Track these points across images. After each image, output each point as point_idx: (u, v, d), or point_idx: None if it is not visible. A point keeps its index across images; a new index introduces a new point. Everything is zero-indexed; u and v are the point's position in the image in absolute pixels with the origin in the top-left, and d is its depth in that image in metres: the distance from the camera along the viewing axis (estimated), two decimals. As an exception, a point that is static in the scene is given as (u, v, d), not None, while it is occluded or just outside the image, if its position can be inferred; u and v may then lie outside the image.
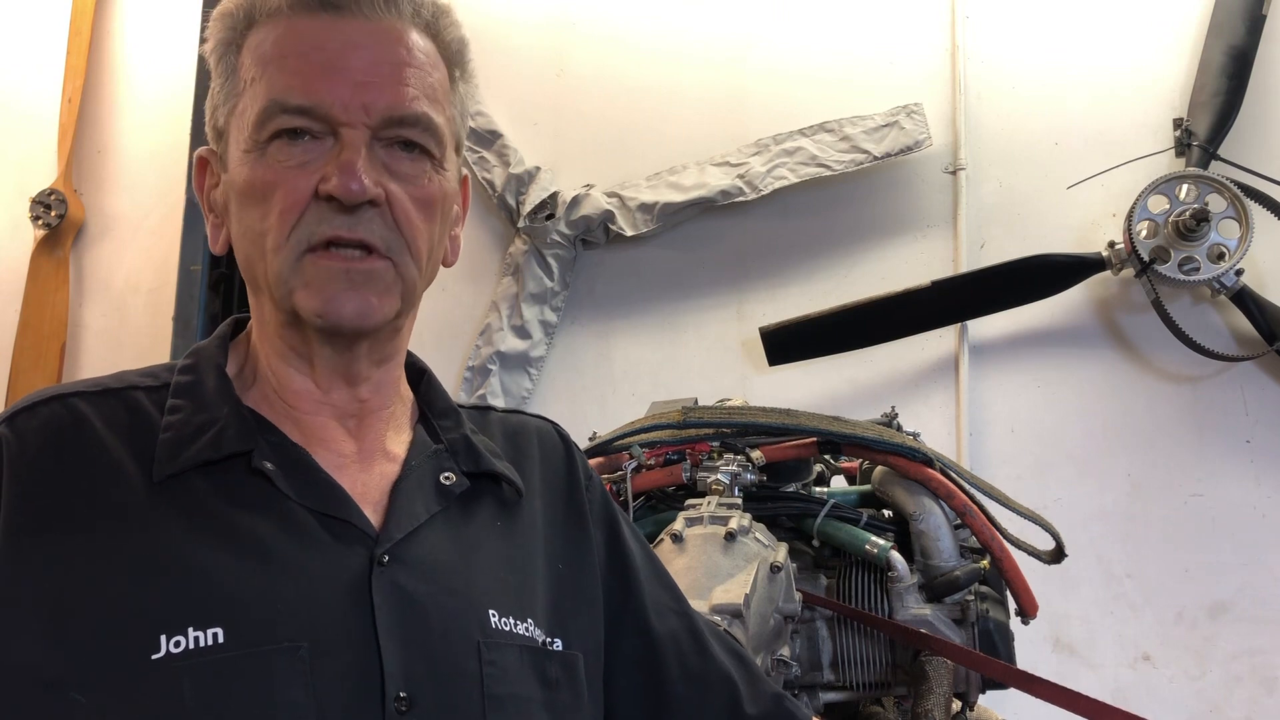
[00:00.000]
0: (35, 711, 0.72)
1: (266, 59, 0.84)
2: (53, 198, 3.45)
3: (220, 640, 0.73)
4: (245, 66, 0.86)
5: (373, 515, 0.85)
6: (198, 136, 3.25)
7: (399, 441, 0.93)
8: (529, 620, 0.88)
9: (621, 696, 0.96)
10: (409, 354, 0.98)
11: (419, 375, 0.99)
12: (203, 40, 0.91)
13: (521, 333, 3.13)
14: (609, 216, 3.07)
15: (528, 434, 1.03)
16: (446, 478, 0.91)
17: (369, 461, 0.89)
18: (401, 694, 0.77)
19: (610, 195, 3.10)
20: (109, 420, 0.83)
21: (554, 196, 3.13)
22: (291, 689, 0.74)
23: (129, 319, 3.46)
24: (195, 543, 0.78)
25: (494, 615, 0.85)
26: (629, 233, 3.05)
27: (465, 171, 0.95)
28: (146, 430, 0.83)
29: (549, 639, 0.89)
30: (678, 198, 3.02)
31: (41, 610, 0.74)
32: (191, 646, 0.73)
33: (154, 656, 0.72)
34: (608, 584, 0.99)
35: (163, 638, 0.73)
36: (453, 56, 0.91)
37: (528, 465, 0.99)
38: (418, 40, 0.87)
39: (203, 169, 0.92)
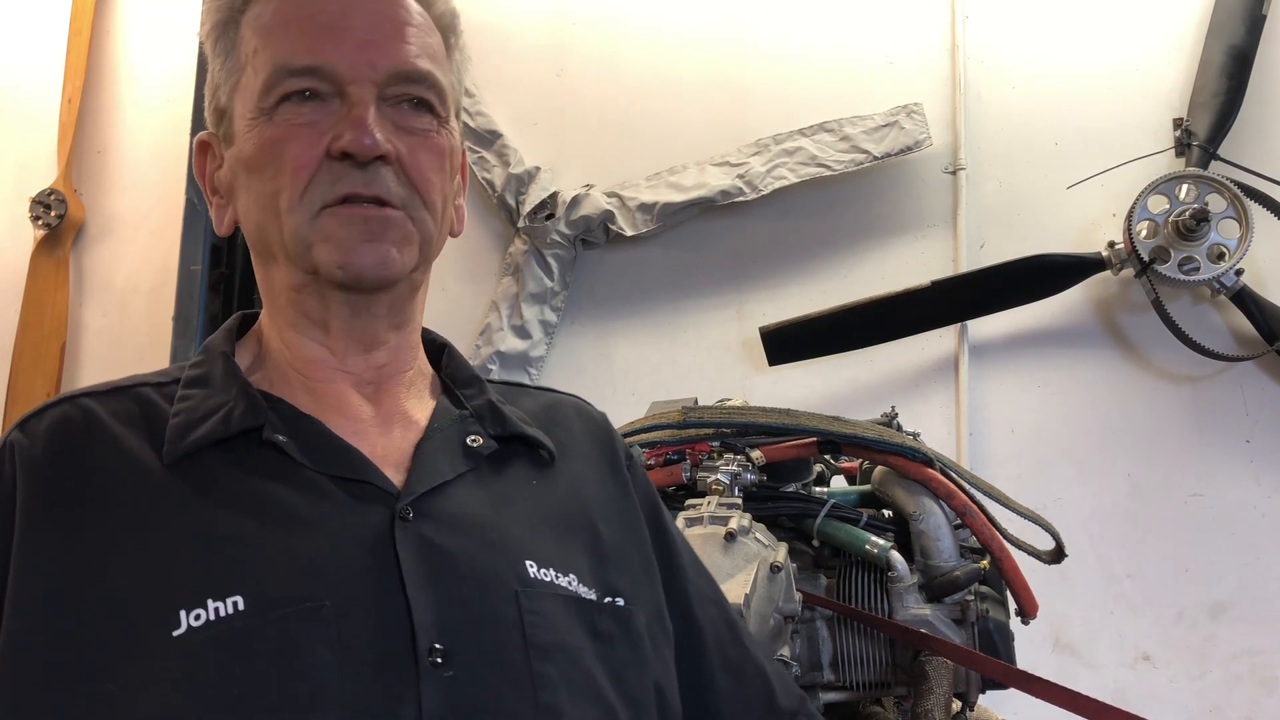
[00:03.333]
0: (73, 707, 0.71)
1: (268, 28, 0.85)
2: (53, 198, 3.45)
3: (241, 608, 0.72)
4: (245, 40, 0.86)
5: (394, 476, 0.83)
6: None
7: (421, 409, 0.91)
8: (571, 575, 0.84)
9: None
10: (428, 330, 0.97)
11: (440, 350, 0.98)
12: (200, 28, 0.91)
13: (521, 333, 3.13)
14: (609, 216, 3.07)
15: (563, 408, 1.02)
16: (473, 440, 0.89)
17: (388, 425, 0.88)
18: (436, 645, 0.74)
19: (610, 195, 3.10)
20: (119, 414, 0.83)
21: (554, 196, 3.13)
22: (317, 648, 0.72)
23: (129, 319, 3.46)
24: (209, 515, 0.77)
25: (532, 566, 0.82)
26: (629, 233, 3.05)
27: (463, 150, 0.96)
28: (157, 421, 0.83)
29: (599, 595, 0.86)
30: (678, 198, 3.02)
31: (62, 606, 0.73)
32: (212, 617, 0.71)
33: (175, 633, 0.71)
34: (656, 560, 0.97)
35: (182, 613, 0.72)
36: (446, 26, 0.91)
37: (563, 435, 0.97)
38: (412, 4, 0.88)
39: (204, 152, 0.91)
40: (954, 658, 1.50)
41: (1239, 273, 2.58)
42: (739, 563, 1.37)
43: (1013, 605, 1.68)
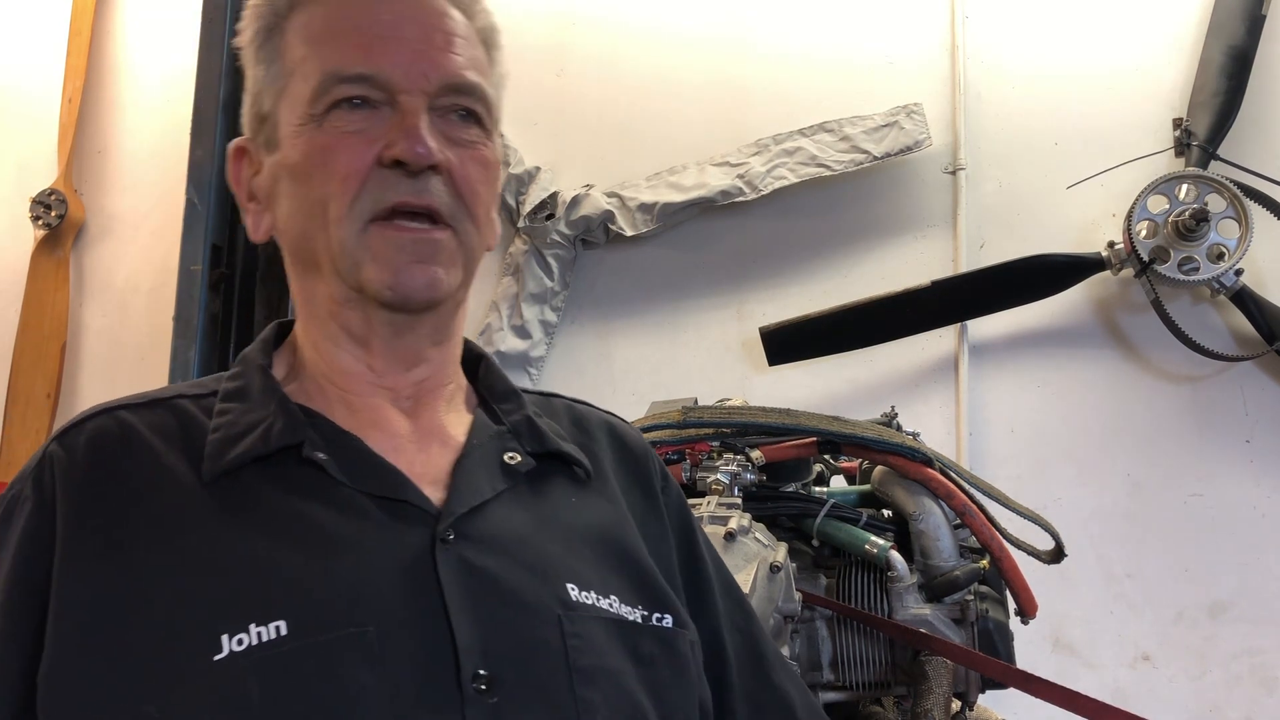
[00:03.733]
0: None
1: (317, 37, 0.84)
2: (53, 198, 3.45)
3: (283, 633, 0.71)
4: (292, 47, 0.86)
5: (433, 494, 0.82)
6: (198, 136, 3.25)
7: (459, 424, 0.90)
8: (613, 596, 0.83)
9: None
10: (466, 341, 0.96)
11: (477, 361, 0.98)
12: (235, 33, 0.90)
13: (521, 333, 3.13)
14: (609, 216, 3.07)
15: (596, 423, 1.00)
16: (511, 457, 0.88)
17: (426, 442, 0.87)
18: (481, 671, 0.73)
19: (610, 195, 3.10)
20: (157, 428, 0.82)
21: (554, 196, 3.13)
22: (360, 674, 0.71)
23: (129, 319, 3.46)
24: (250, 537, 0.76)
25: (573, 589, 0.81)
26: (629, 233, 3.05)
27: None
28: (196, 435, 0.82)
29: (643, 616, 0.85)
30: (678, 198, 3.02)
31: (104, 627, 0.72)
32: (254, 642, 0.71)
33: (217, 658, 0.70)
34: (683, 584, 0.95)
35: (224, 637, 0.71)
36: (487, 39, 0.92)
37: (597, 451, 0.96)
38: (459, 16, 0.88)
39: (239, 158, 0.91)
40: (954, 658, 1.50)
41: (1239, 273, 2.59)
42: (738, 563, 1.37)
43: (1012, 605, 1.69)
